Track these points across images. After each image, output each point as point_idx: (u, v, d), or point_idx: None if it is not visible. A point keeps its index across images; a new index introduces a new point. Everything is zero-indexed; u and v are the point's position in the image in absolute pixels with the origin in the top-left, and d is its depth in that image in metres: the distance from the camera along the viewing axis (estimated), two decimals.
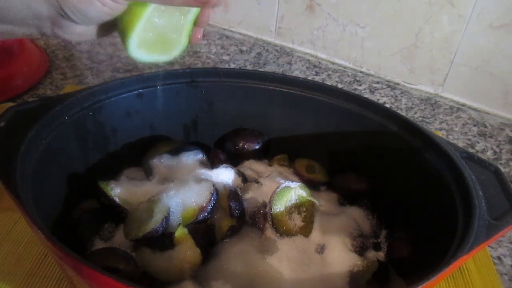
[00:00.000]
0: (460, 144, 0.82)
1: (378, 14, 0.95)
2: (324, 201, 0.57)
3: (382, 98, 0.95)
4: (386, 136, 0.56)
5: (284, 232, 0.51)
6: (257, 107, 0.63)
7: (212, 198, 0.49)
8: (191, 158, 0.58)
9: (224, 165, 0.57)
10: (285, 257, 0.49)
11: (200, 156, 0.59)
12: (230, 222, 0.49)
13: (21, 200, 0.38)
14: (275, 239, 0.50)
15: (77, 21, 0.40)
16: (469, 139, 0.85)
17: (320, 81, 0.96)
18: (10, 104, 0.72)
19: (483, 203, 0.44)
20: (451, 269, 0.38)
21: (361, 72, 1.02)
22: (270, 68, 1.01)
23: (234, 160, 0.62)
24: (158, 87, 0.58)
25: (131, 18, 0.41)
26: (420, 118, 0.90)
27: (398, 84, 0.99)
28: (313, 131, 0.62)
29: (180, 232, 0.47)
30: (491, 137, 0.86)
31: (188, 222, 0.48)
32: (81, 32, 0.42)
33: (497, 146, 0.84)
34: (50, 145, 0.47)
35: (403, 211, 0.55)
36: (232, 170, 0.56)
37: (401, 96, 0.96)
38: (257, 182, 0.56)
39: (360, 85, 0.98)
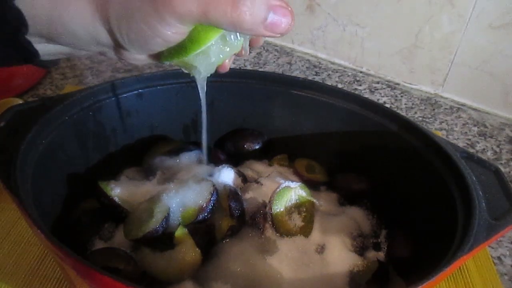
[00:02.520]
0: (460, 144, 0.82)
1: (378, 14, 0.95)
2: (324, 201, 0.57)
3: (382, 98, 0.95)
4: (386, 136, 0.56)
5: (284, 232, 0.51)
6: (257, 107, 0.62)
7: (212, 198, 0.49)
8: (191, 158, 0.58)
9: (224, 165, 0.57)
10: (285, 257, 0.49)
11: (200, 156, 0.59)
12: (230, 222, 0.49)
13: (21, 200, 0.38)
14: (275, 239, 0.50)
15: (132, 51, 0.38)
16: (469, 139, 0.85)
17: (320, 81, 0.96)
18: (15, 99, 0.72)
19: (483, 203, 0.44)
20: (451, 269, 0.38)
21: (361, 72, 1.02)
22: (270, 68, 1.01)
23: (234, 160, 0.61)
24: (158, 87, 0.58)
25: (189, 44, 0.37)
26: (420, 118, 0.90)
27: (398, 84, 0.99)
28: (313, 131, 0.62)
29: (180, 232, 0.47)
30: (491, 137, 0.86)
31: (188, 222, 0.48)
32: (142, 59, 0.40)
33: (497, 146, 0.84)
34: (50, 145, 0.47)
35: (403, 211, 0.55)
36: (232, 170, 0.56)
37: (401, 96, 0.96)
38: (257, 182, 0.56)
39: (360, 85, 0.98)
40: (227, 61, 0.42)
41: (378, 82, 0.99)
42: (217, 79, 0.60)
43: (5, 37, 0.36)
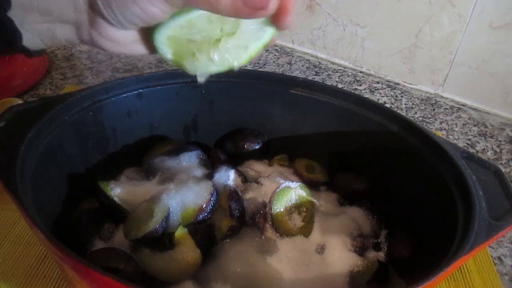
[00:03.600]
0: (460, 144, 0.82)
1: (378, 14, 0.95)
2: (324, 201, 0.57)
3: (382, 98, 0.95)
4: (386, 136, 0.56)
5: (284, 232, 0.51)
6: (257, 107, 0.63)
7: (212, 198, 0.49)
8: (191, 158, 0.58)
9: (224, 165, 0.57)
10: (285, 257, 0.49)
11: (200, 156, 0.59)
12: (230, 222, 0.49)
13: (21, 200, 0.38)
14: (275, 239, 0.50)
15: (111, 21, 0.36)
16: (469, 139, 0.85)
17: (320, 81, 0.96)
18: (15, 99, 0.72)
19: (483, 203, 0.44)
20: (452, 269, 0.38)
21: (361, 72, 1.02)
22: (270, 68, 1.01)
23: (234, 160, 0.61)
24: (158, 87, 0.58)
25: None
26: (420, 118, 0.90)
27: (398, 84, 0.99)
28: (313, 131, 0.62)
29: (180, 232, 0.47)
30: (491, 137, 0.86)
31: (188, 222, 0.48)
32: (120, 39, 0.38)
33: (498, 146, 0.84)
34: (50, 145, 0.47)
35: (403, 211, 0.55)
36: (232, 170, 0.56)
37: (401, 96, 0.96)
38: (257, 182, 0.56)
39: (360, 85, 0.98)
40: None
41: (378, 82, 0.99)
42: (217, 79, 0.60)
43: None
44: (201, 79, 0.41)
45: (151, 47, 0.39)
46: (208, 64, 0.39)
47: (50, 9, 0.36)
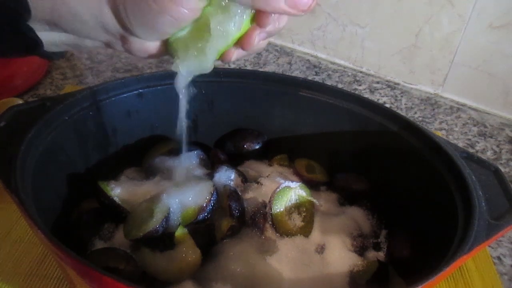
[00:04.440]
0: (460, 144, 0.82)
1: (378, 14, 0.95)
2: (324, 201, 0.57)
3: (382, 98, 0.95)
4: (386, 136, 0.56)
5: (284, 232, 0.51)
6: (257, 107, 0.63)
7: (212, 198, 0.49)
8: (191, 158, 0.58)
9: (224, 165, 0.57)
10: (285, 257, 0.49)
11: (200, 156, 0.59)
12: (230, 222, 0.49)
13: (21, 200, 0.38)
14: (275, 239, 0.50)
15: (142, 38, 0.36)
16: (469, 139, 0.85)
17: (320, 81, 0.96)
18: (15, 99, 0.72)
19: (483, 203, 0.44)
20: (451, 269, 0.38)
21: (361, 72, 1.02)
22: (270, 68, 1.01)
23: (234, 160, 0.62)
24: (158, 87, 0.58)
25: None
26: (420, 118, 0.90)
27: (398, 84, 0.99)
28: (313, 131, 0.62)
29: (180, 232, 0.47)
30: (491, 137, 0.86)
31: (188, 222, 0.48)
32: (151, 49, 0.38)
33: (497, 146, 0.84)
34: (50, 145, 0.47)
35: (403, 211, 0.55)
36: (232, 170, 0.56)
37: (401, 96, 0.96)
38: (257, 182, 0.56)
39: (360, 85, 0.98)
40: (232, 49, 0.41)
41: (378, 82, 0.99)
42: (217, 79, 0.60)
43: (5, 23, 0.33)
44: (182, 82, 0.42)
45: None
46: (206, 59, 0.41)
47: (77, 30, 0.36)
